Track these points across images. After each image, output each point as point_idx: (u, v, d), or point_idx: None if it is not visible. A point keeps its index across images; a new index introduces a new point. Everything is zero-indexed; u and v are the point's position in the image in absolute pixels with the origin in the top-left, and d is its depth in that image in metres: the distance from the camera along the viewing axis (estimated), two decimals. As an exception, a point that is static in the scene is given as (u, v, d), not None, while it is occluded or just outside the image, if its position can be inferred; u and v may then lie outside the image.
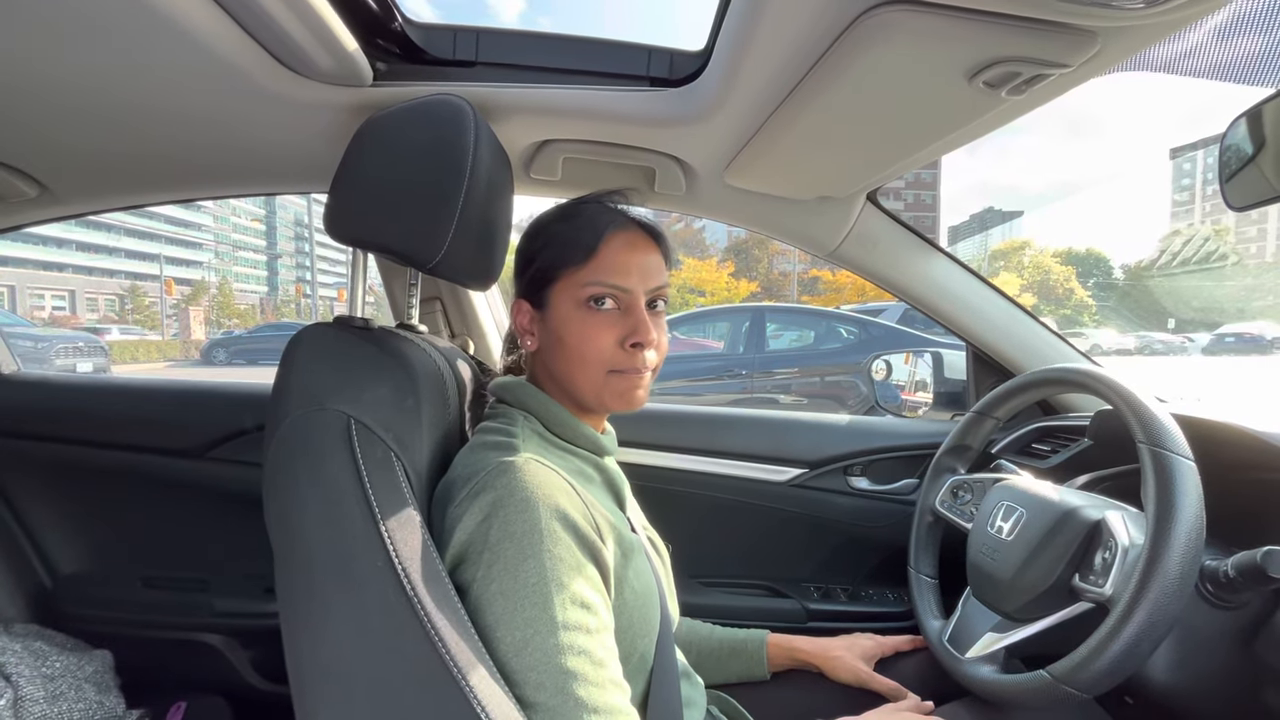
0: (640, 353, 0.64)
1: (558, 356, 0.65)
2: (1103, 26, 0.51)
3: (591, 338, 0.63)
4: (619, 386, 0.64)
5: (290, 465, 0.52)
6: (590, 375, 0.64)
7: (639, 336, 0.63)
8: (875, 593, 1.23)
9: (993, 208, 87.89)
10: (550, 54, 0.78)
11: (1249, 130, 0.67)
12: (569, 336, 0.64)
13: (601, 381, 0.64)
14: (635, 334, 0.63)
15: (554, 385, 0.68)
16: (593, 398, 0.65)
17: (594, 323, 0.63)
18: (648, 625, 0.62)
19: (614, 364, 0.64)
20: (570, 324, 0.64)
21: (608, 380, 0.64)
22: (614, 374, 0.64)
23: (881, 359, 1.50)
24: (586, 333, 0.63)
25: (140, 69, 0.65)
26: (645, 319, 0.64)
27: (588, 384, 0.65)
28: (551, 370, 0.67)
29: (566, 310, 0.64)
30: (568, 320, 0.64)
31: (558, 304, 0.65)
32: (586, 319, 0.63)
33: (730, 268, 27.90)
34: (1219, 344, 20.27)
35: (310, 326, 0.62)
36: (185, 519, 1.24)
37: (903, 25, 0.52)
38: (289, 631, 0.49)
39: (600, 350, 0.63)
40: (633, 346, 0.63)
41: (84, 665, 0.95)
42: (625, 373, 0.64)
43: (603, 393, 0.65)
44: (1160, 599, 0.60)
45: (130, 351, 21.63)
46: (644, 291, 0.65)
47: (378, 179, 0.62)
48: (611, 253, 0.64)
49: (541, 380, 0.69)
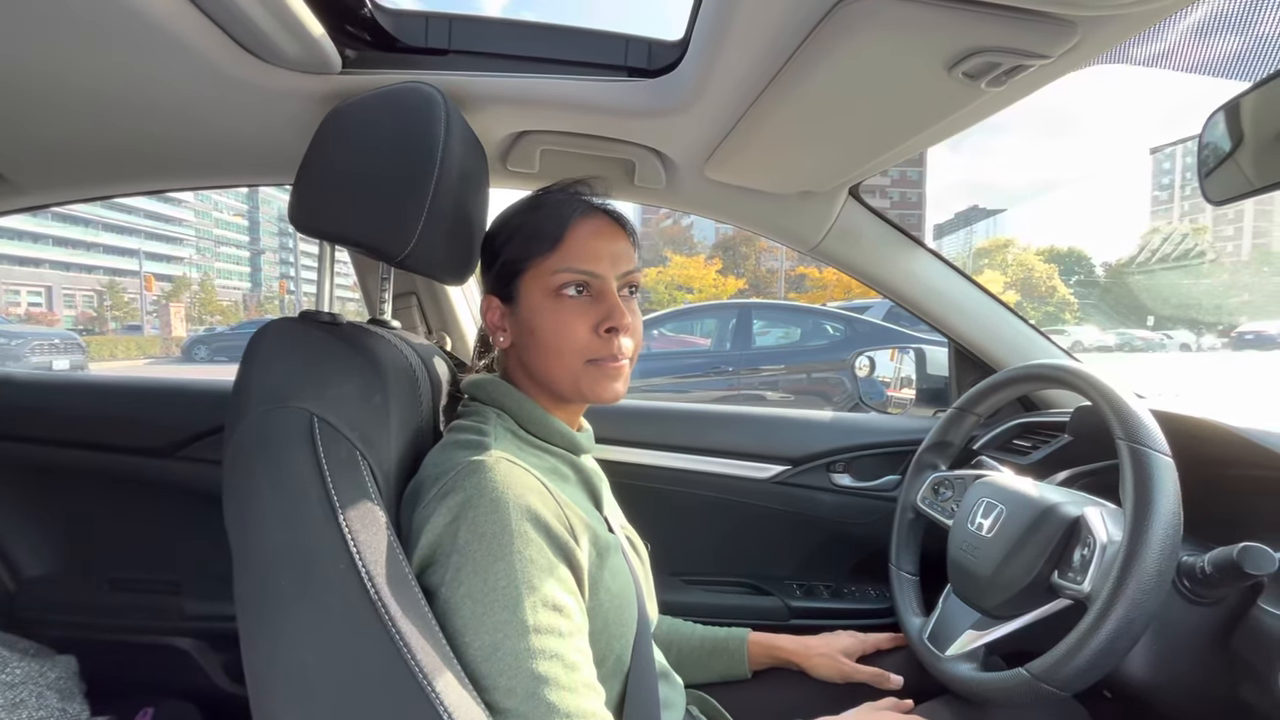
0: (616, 338, 0.63)
1: (532, 349, 0.64)
2: (1082, 16, 0.51)
3: (565, 326, 0.62)
4: (597, 376, 0.63)
5: (249, 465, 0.50)
6: (567, 365, 0.63)
7: (613, 320, 0.62)
8: (857, 589, 1.22)
9: (977, 205, 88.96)
10: (526, 42, 0.76)
11: (1227, 125, 0.66)
12: (541, 327, 0.63)
13: (580, 371, 0.63)
14: (609, 318, 0.62)
15: (530, 381, 0.67)
16: (571, 389, 0.64)
17: (566, 310, 0.62)
18: (624, 626, 0.61)
19: (590, 352, 0.63)
20: (542, 314, 0.63)
21: (585, 370, 0.63)
22: (592, 364, 0.63)
23: (865, 355, 1.50)
24: (560, 321, 0.62)
25: (99, 55, 0.63)
26: (619, 303, 0.63)
27: (565, 375, 0.63)
28: (527, 365, 0.66)
29: (537, 301, 0.63)
30: (539, 311, 0.63)
31: (528, 295, 0.64)
32: (558, 308, 0.62)
33: (718, 264, 27.99)
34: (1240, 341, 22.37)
35: (274, 321, 0.60)
36: (155, 520, 1.21)
37: (881, 14, 0.51)
38: (247, 636, 0.47)
39: (575, 338, 0.62)
40: (607, 332, 0.62)
41: (46, 672, 0.92)
42: (603, 361, 0.63)
43: (580, 383, 0.63)
44: (1138, 596, 0.60)
45: (109, 348, 21.28)
46: (614, 277, 0.64)
47: (344, 170, 0.60)
48: (579, 240, 0.63)
49: (516, 377, 0.68)
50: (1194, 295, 51.13)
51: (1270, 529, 0.69)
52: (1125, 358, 20.53)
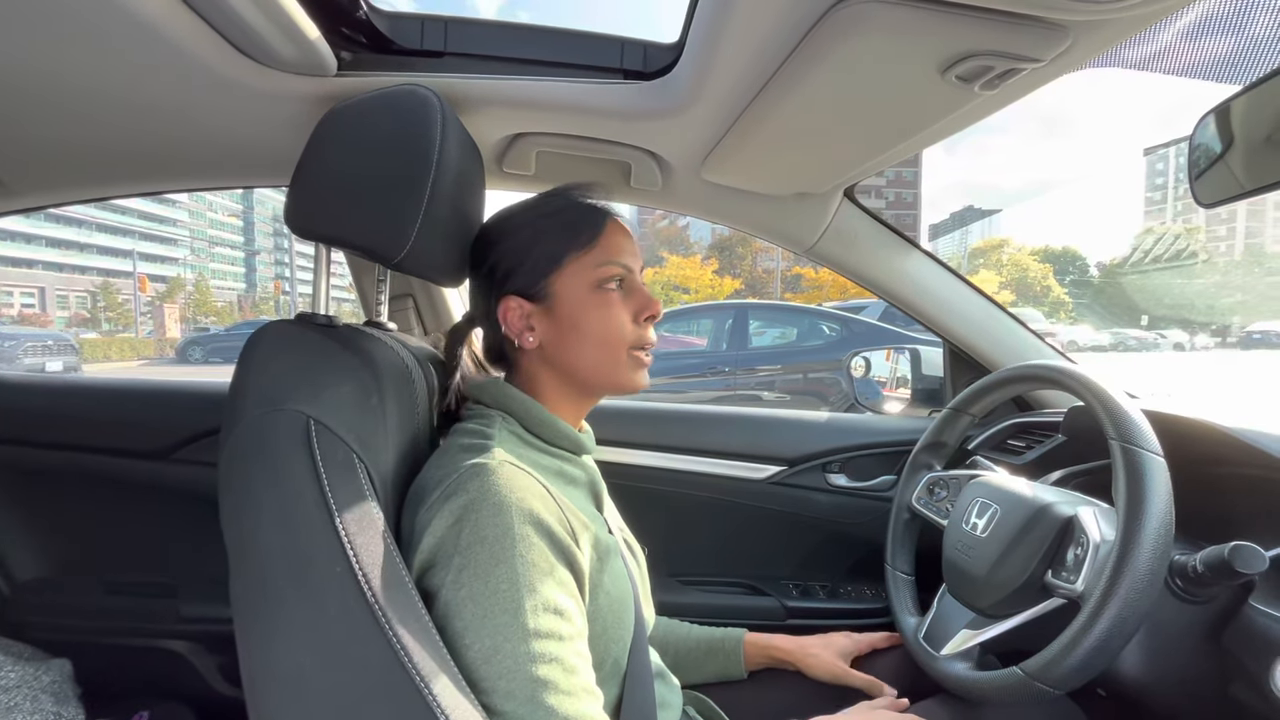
0: (650, 325, 0.67)
1: (572, 344, 0.65)
2: (1074, 21, 0.51)
3: (613, 317, 0.64)
4: (635, 366, 0.66)
5: (245, 468, 0.50)
6: (614, 355, 0.65)
7: (653, 308, 0.66)
8: (854, 589, 1.23)
9: (972, 206, 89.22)
10: (521, 45, 0.76)
11: (1217, 128, 0.67)
12: (587, 321, 0.64)
13: (624, 360, 0.65)
14: (649, 307, 0.66)
15: (555, 378, 0.67)
16: (610, 380, 0.66)
17: (610, 303, 0.65)
18: (622, 630, 0.61)
19: (633, 340, 0.66)
20: (586, 308, 0.64)
21: (630, 359, 0.66)
22: (635, 351, 0.66)
23: (860, 356, 1.50)
24: (608, 313, 0.64)
25: (94, 58, 0.63)
26: (651, 293, 0.67)
27: (607, 365, 0.65)
28: (561, 360, 0.66)
29: (579, 295, 0.64)
30: (582, 305, 0.64)
31: (567, 291, 0.64)
32: (603, 300, 0.64)
33: (714, 265, 28.01)
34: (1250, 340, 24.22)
35: (270, 324, 0.60)
36: (150, 522, 1.20)
37: (875, 18, 0.51)
38: (243, 639, 0.47)
39: (621, 328, 0.65)
40: (647, 320, 0.66)
41: (41, 675, 0.91)
42: (642, 349, 0.66)
43: (620, 373, 0.66)
44: (1130, 595, 0.60)
45: (103, 349, 21.17)
46: (638, 272, 0.68)
47: (340, 171, 0.60)
48: (612, 236, 0.66)
49: (535, 376, 0.67)
50: (1187, 295, 51.40)
51: (1261, 528, 0.70)
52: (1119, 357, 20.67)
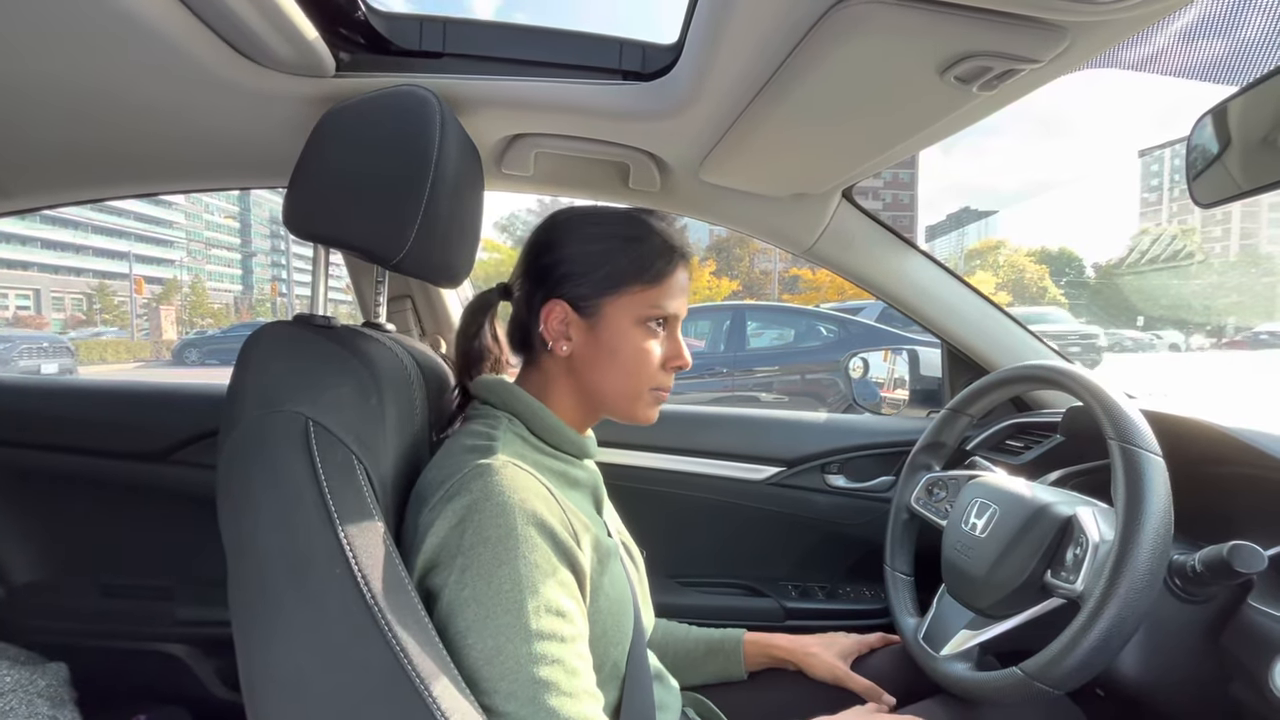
0: (673, 374, 0.69)
1: (602, 366, 0.65)
2: (1072, 21, 0.51)
3: (647, 355, 0.65)
4: (651, 403, 0.68)
5: (244, 469, 0.50)
6: (635, 389, 0.66)
7: (682, 360, 0.68)
8: (853, 590, 1.23)
9: (969, 207, 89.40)
10: (520, 46, 0.76)
11: (1214, 128, 0.67)
12: (625, 351, 0.65)
13: (640, 396, 0.67)
14: (678, 357, 0.68)
15: (572, 388, 0.67)
16: (624, 409, 0.67)
17: (648, 341, 0.66)
18: (621, 633, 0.61)
19: (656, 382, 0.67)
20: (628, 339, 0.65)
21: (645, 396, 0.67)
22: (653, 391, 0.67)
23: (858, 357, 1.50)
24: (643, 350, 0.65)
25: (91, 58, 0.62)
26: (684, 345, 0.69)
27: (626, 397, 0.66)
28: (585, 376, 0.66)
29: (625, 325, 0.65)
30: (625, 335, 0.65)
31: (615, 317, 0.65)
32: (645, 336, 0.65)
33: (712, 266, 28.06)
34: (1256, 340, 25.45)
35: (268, 325, 0.60)
36: (147, 525, 1.20)
37: (873, 19, 0.51)
38: (242, 641, 0.47)
39: (650, 367, 0.66)
40: (673, 368, 0.68)
41: (36, 679, 0.91)
42: (661, 391, 0.68)
43: (636, 406, 0.67)
44: (1130, 594, 0.60)
45: (99, 351, 21.11)
46: (682, 318, 0.69)
47: (339, 172, 0.60)
48: (677, 280, 0.67)
49: (553, 380, 0.67)
50: (1183, 296, 51.56)
51: (1260, 527, 0.70)
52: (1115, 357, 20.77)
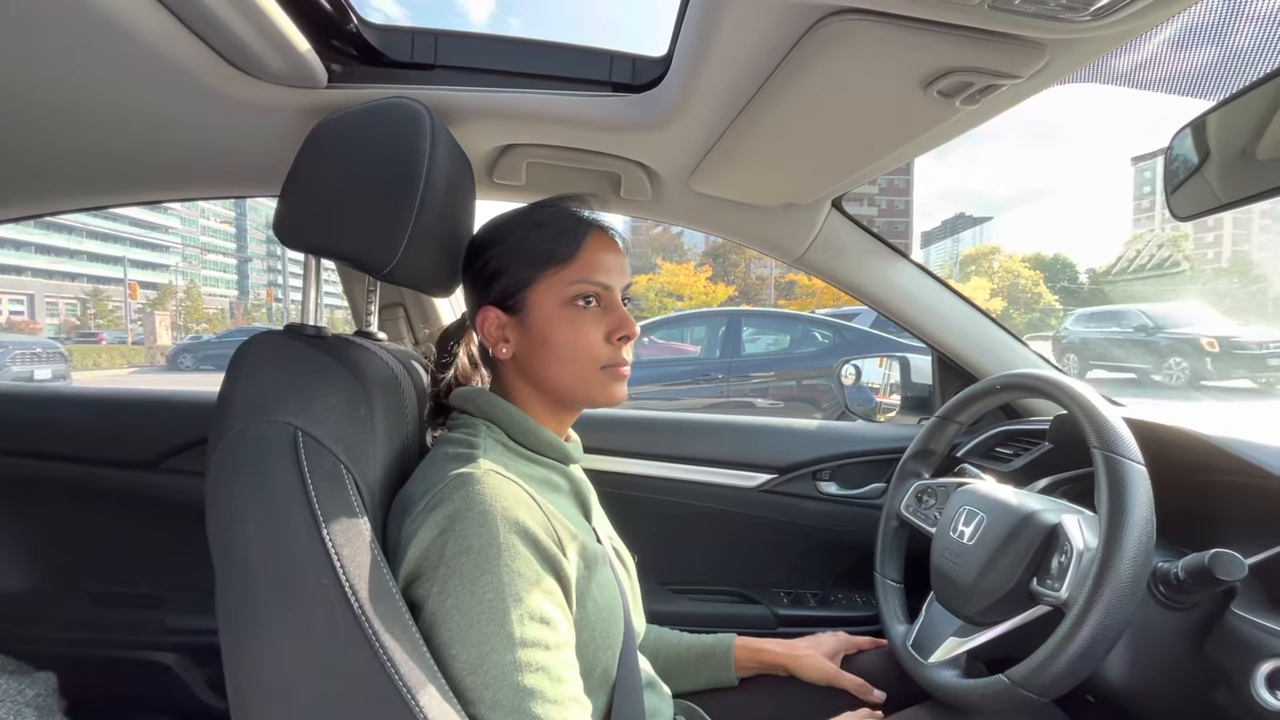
0: (625, 345, 0.67)
1: (542, 358, 0.65)
2: (1050, 39, 0.52)
3: (582, 334, 0.65)
4: (608, 381, 0.66)
5: (233, 479, 0.50)
6: (581, 372, 0.65)
7: (627, 329, 0.66)
8: (844, 597, 1.23)
9: (963, 213, 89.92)
10: (511, 58, 0.77)
11: (1194, 141, 0.68)
12: (557, 337, 0.65)
13: (593, 377, 0.66)
14: (622, 327, 0.66)
15: (530, 389, 0.68)
16: (582, 395, 0.67)
17: (581, 320, 0.65)
18: (610, 638, 0.62)
19: (604, 359, 0.66)
20: (557, 324, 0.65)
21: (598, 376, 0.66)
22: (605, 369, 0.66)
23: (851, 364, 1.51)
24: (577, 331, 0.65)
25: (84, 69, 0.63)
26: (627, 313, 0.67)
27: (578, 382, 0.66)
28: (533, 373, 0.67)
29: (550, 310, 0.65)
30: (554, 320, 0.65)
31: (540, 306, 0.65)
32: (575, 317, 0.65)
33: (708, 272, 28.05)
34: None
35: (259, 334, 0.60)
36: (137, 533, 1.19)
37: (856, 34, 0.52)
38: (229, 650, 0.47)
39: (590, 346, 0.65)
40: (620, 340, 0.66)
41: (25, 689, 0.91)
42: (615, 367, 0.66)
43: (592, 388, 0.66)
44: (1113, 602, 0.61)
45: (93, 357, 21.00)
46: (619, 289, 0.67)
47: (330, 183, 0.60)
48: (592, 254, 0.66)
49: (513, 387, 0.68)
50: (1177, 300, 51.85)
51: (1243, 535, 0.71)
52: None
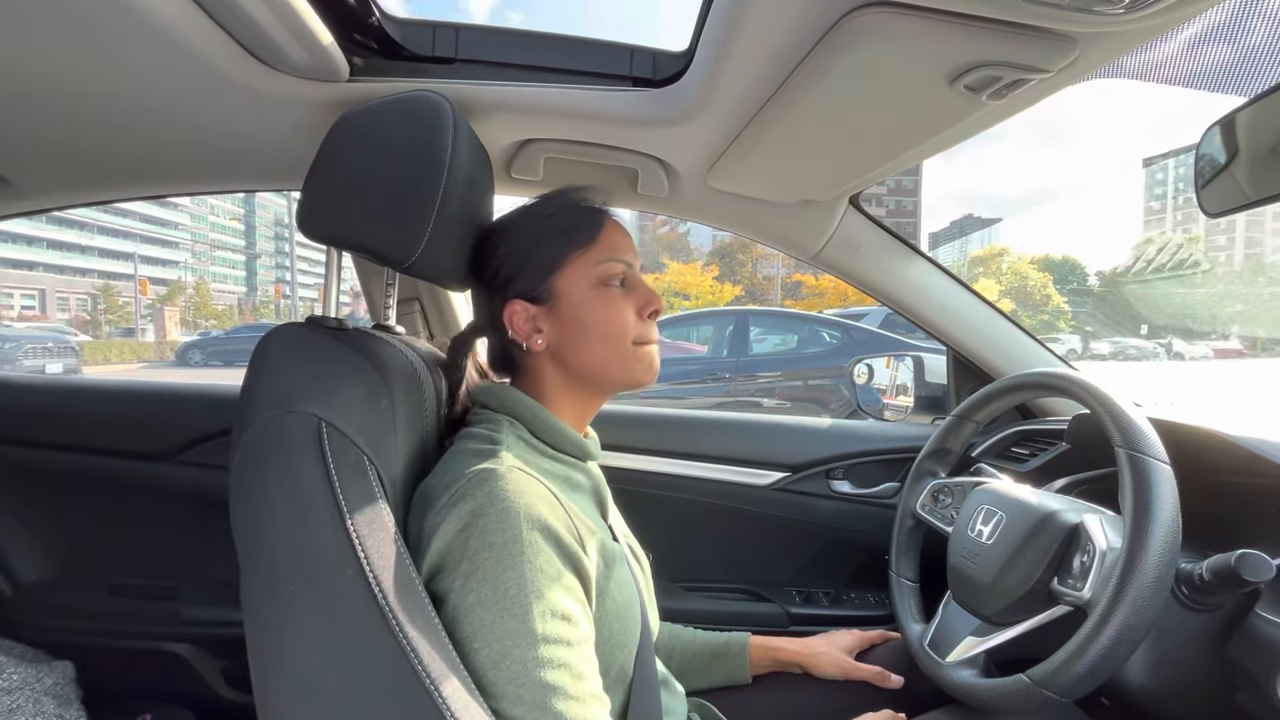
0: (654, 321, 0.68)
1: (579, 342, 0.66)
2: (1082, 32, 0.52)
3: (618, 312, 0.65)
4: (644, 357, 0.67)
5: (257, 470, 0.50)
6: (620, 351, 0.66)
7: (656, 304, 0.67)
8: (857, 596, 1.23)
9: (972, 214, 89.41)
10: (531, 52, 0.77)
11: (1222, 139, 0.67)
12: (591, 317, 0.65)
13: (630, 355, 0.66)
14: (651, 302, 0.67)
15: (563, 379, 0.67)
16: (620, 374, 0.67)
17: (613, 299, 0.66)
18: (627, 636, 0.61)
19: (637, 335, 0.66)
20: (591, 305, 0.65)
21: (635, 353, 0.66)
22: (639, 345, 0.67)
23: (863, 363, 1.51)
24: (612, 309, 0.66)
25: (107, 60, 0.63)
26: (652, 288, 0.68)
27: (618, 361, 0.66)
28: (570, 359, 0.66)
29: (582, 292, 0.65)
30: (587, 302, 0.65)
31: (569, 290, 0.66)
32: (607, 296, 0.66)
33: (715, 271, 28.00)
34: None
35: (281, 326, 0.60)
36: (154, 524, 1.20)
37: (885, 28, 0.52)
38: (254, 641, 0.47)
39: (625, 324, 0.66)
40: (650, 315, 0.67)
41: (43, 677, 0.91)
42: (647, 344, 0.67)
43: (631, 365, 0.67)
44: (1137, 602, 0.60)
45: (103, 352, 21.20)
46: (636, 268, 0.69)
47: (352, 176, 0.60)
48: (612, 235, 0.67)
49: (541, 380, 0.68)
50: (1188, 305, 51.41)
51: (1268, 536, 0.70)
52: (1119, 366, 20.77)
